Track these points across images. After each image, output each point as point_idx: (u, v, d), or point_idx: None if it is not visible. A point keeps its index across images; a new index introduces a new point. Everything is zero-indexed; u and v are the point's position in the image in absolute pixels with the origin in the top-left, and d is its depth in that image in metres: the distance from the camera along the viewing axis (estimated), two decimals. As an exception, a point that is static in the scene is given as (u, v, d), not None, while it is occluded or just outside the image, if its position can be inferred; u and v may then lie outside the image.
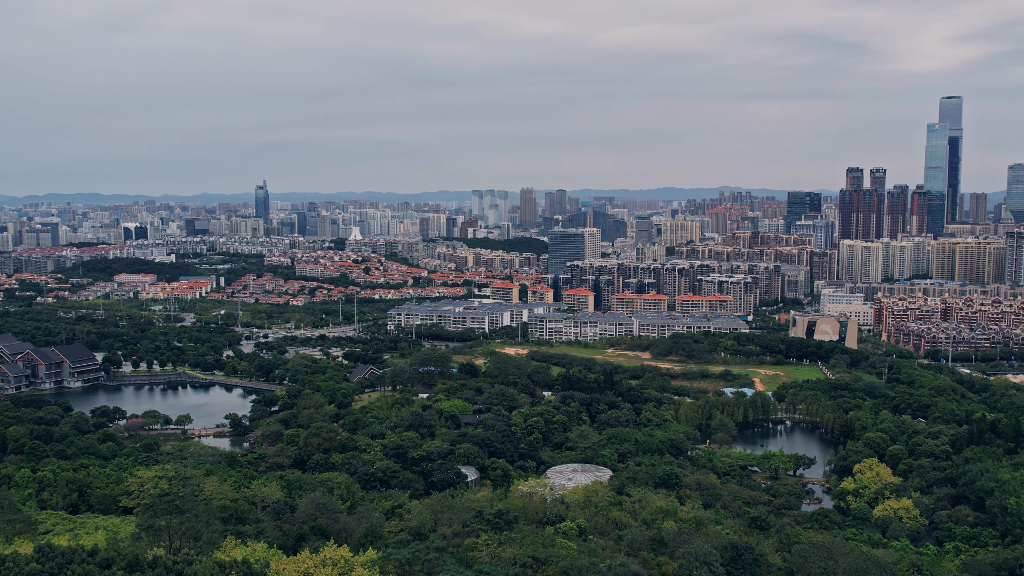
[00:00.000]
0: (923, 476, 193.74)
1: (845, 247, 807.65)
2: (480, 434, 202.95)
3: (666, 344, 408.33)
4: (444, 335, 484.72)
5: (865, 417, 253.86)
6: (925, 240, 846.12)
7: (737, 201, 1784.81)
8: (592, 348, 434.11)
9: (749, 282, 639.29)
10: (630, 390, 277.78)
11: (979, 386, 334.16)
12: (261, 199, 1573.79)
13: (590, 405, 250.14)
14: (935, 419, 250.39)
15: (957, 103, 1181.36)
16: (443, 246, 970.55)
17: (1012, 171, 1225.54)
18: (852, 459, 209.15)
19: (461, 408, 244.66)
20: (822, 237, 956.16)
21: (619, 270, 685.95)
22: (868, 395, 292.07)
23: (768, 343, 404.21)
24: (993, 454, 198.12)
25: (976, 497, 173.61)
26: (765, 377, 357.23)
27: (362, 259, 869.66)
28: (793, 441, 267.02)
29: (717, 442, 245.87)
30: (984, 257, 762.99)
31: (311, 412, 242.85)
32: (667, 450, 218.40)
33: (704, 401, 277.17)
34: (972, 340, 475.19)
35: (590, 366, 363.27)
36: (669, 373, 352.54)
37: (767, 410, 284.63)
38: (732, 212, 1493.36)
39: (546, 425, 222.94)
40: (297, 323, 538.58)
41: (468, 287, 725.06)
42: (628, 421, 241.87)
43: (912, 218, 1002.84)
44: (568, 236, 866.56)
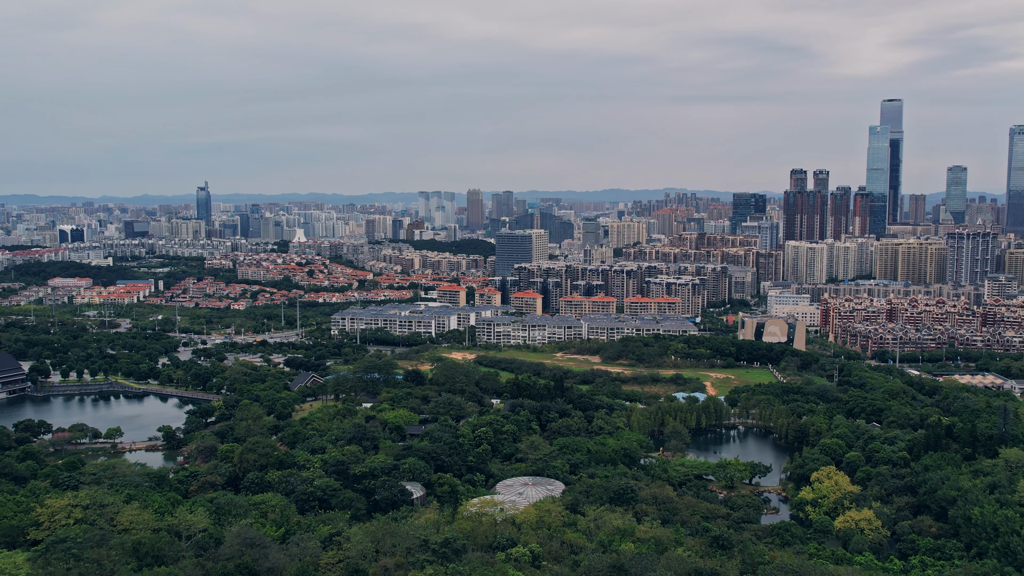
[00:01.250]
0: (882, 484, 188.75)
1: (790, 248, 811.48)
2: (426, 447, 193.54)
3: (616, 347, 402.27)
4: (390, 340, 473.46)
5: (819, 422, 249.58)
6: (868, 241, 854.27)
7: (683, 202, 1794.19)
8: (541, 352, 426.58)
9: (697, 283, 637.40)
10: (581, 397, 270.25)
11: (929, 388, 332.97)
12: (203, 201, 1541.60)
13: (540, 413, 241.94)
14: (889, 423, 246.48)
15: (898, 106, 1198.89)
16: (389, 248, 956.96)
17: (951, 173, 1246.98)
18: (809, 467, 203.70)
19: (406, 418, 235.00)
20: (767, 238, 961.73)
21: (567, 272, 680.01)
22: (821, 399, 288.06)
23: (718, 346, 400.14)
24: (952, 461, 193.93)
25: (938, 506, 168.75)
26: (716, 380, 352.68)
27: (306, 262, 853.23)
28: (747, 447, 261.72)
29: (671, 450, 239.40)
30: (926, 258, 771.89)
31: (248, 424, 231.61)
32: (620, 460, 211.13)
33: (656, 407, 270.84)
34: (918, 341, 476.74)
35: (539, 371, 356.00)
36: (620, 378, 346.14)
37: (720, 415, 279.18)
38: (678, 213, 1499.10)
39: (495, 435, 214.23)
40: (238, 328, 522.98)
41: (414, 290, 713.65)
42: (580, 429, 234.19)
43: (855, 219, 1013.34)
44: (515, 238, 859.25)
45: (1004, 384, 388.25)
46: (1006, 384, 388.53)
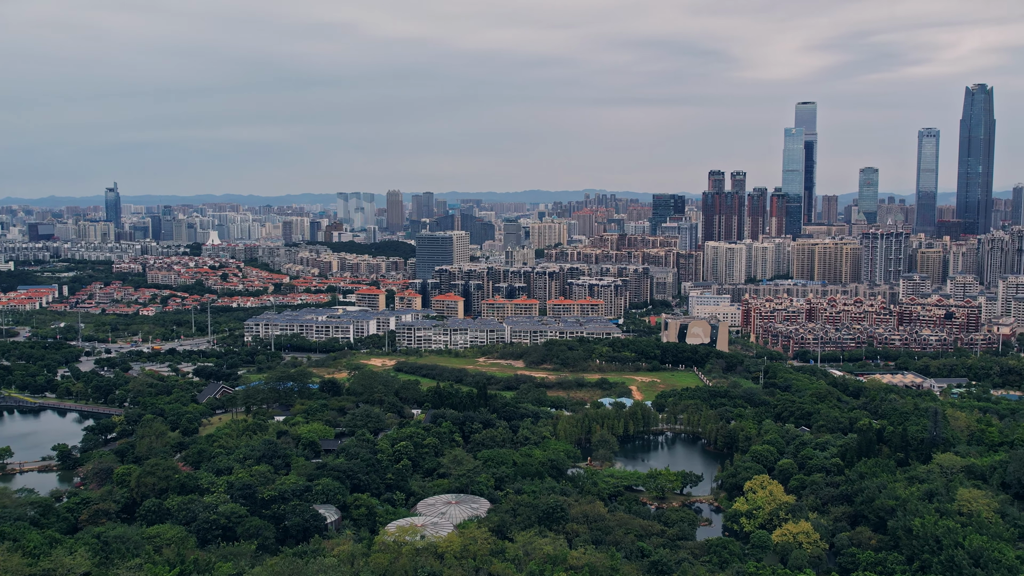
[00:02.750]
0: (817, 493, 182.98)
1: (710, 248, 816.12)
2: (342, 464, 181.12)
3: (540, 352, 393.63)
4: (306, 346, 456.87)
5: (748, 427, 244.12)
6: (785, 241, 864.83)
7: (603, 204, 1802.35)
8: (463, 357, 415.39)
9: (619, 285, 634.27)
10: (505, 405, 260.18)
11: (853, 389, 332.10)
12: (112, 202, 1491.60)
13: (463, 424, 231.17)
14: (819, 427, 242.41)
15: (812, 108, 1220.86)
16: (306, 250, 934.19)
17: (863, 174, 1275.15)
18: (741, 475, 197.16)
19: (321, 432, 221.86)
20: (687, 239, 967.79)
21: (489, 274, 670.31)
22: (748, 402, 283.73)
23: (643, 348, 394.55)
24: (886, 467, 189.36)
25: (876, 517, 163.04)
26: (642, 384, 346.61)
27: (220, 265, 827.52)
28: (675, 454, 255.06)
29: (599, 459, 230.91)
30: (841, 257, 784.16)
31: (151, 441, 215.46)
32: (547, 472, 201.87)
33: (583, 414, 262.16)
34: (838, 340, 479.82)
35: (461, 377, 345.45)
36: (544, 383, 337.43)
37: (648, 422, 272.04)
38: (598, 214, 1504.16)
39: (416, 450, 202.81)
40: (145, 336, 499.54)
41: (333, 294, 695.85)
42: (504, 440, 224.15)
43: (772, 219, 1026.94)
44: (436, 239, 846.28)
45: (923, 383, 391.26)
46: (925, 383, 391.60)
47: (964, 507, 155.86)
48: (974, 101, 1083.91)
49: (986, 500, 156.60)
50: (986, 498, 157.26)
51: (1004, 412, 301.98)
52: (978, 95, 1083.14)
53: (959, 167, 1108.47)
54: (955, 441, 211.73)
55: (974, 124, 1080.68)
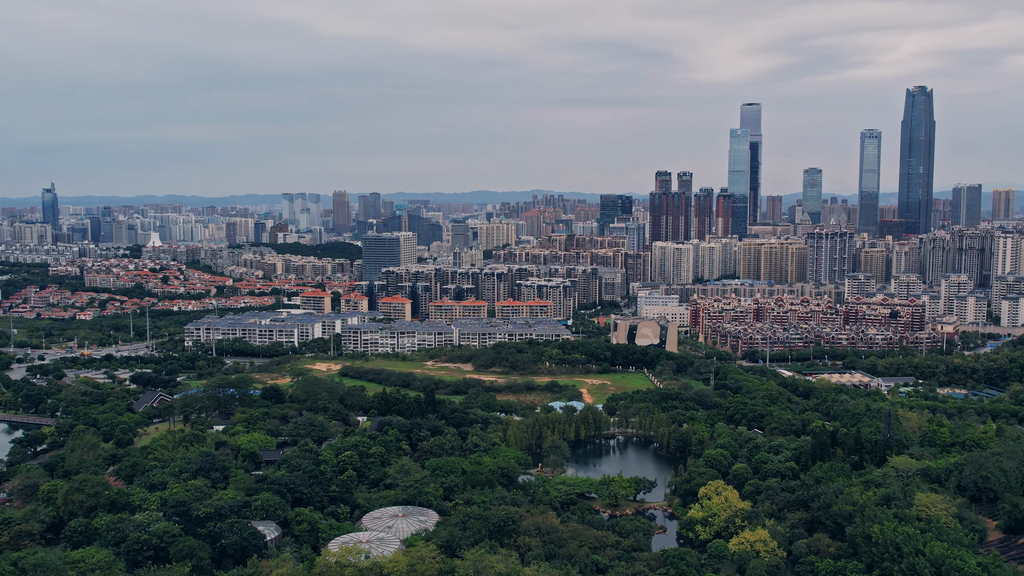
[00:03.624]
0: (773, 499, 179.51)
1: (657, 249, 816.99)
2: (283, 477, 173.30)
3: (489, 354, 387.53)
4: (249, 350, 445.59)
5: (701, 431, 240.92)
6: (731, 241, 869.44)
7: (550, 204, 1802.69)
8: (411, 361, 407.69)
9: (568, 285, 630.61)
10: (454, 411, 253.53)
11: (803, 389, 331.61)
12: (49, 203, 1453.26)
13: (411, 431, 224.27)
14: (772, 430, 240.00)
15: (756, 110, 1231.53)
16: (250, 252, 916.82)
17: (807, 175, 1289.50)
18: (696, 481, 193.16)
19: (262, 443, 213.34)
20: (635, 239, 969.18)
21: (437, 275, 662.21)
22: (700, 405, 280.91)
23: (593, 350, 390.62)
24: (841, 471, 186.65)
25: (834, 523, 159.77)
26: (592, 387, 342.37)
27: (160, 267, 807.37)
28: (627, 459, 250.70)
29: (550, 465, 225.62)
30: (787, 257, 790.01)
31: (82, 454, 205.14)
32: (498, 480, 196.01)
33: (534, 419, 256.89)
34: (787, 340, 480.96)
35: (409, 382, 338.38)
36: (494, 387, 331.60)
37: (599, 426, 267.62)
38: (546, 215, 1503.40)
39: (361, 460, 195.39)
40: (81, 341, 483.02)
41: (277, 296, 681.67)
42: (453, 448, 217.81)
43: (718, 220, 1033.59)
44: (383, 240, 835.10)
45: (871, 382, 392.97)
46: (873, 382, 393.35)
47: (923, 512, 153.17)
48: (915, 103, 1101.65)
49: (944, 505, 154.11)
50: (944, 503, 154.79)
51: (952, 411, 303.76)
52: (918, 97, 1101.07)
53: (900, 168, 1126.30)
54: (908, 443, 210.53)
55: (915, 126, 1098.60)
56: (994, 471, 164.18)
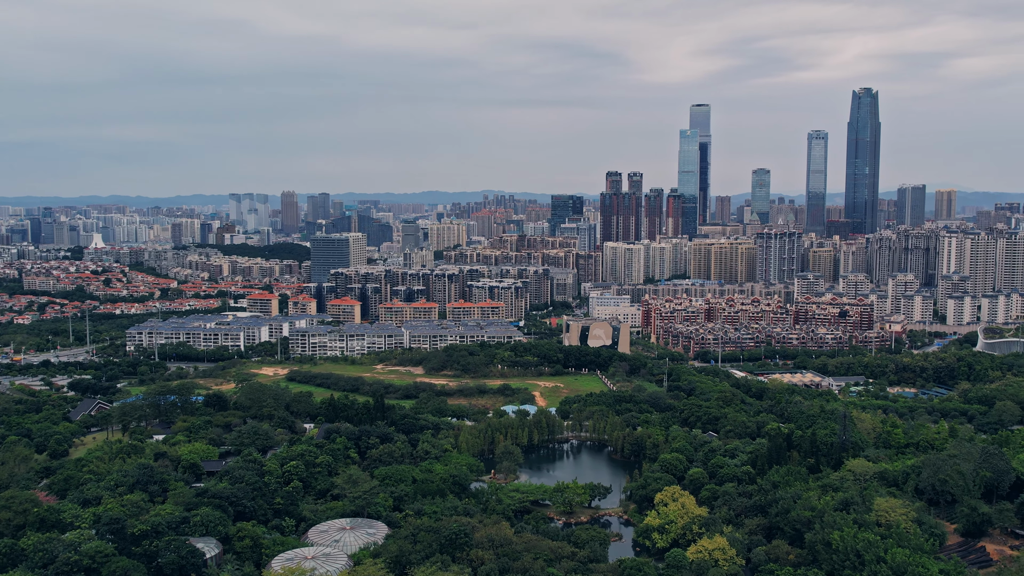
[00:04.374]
0: (730, 504, 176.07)
1: (609, 249, 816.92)
2: (225, 490, 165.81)
3: (440, 357, 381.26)
4: (193, 355, 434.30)
5: (655, 434, 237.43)
6: (682, 241, 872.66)
7: (501, 204, 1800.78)
8: (360, 364, 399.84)
9: (519, 286, 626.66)
10: (404, 417, 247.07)
11: (756, 390, 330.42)
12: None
13: (359, 439, 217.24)
14: (727, 433, 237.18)
15: (706, 111, 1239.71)
16: (195, 254, 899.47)
17: (755, 175, 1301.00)
18: (651, 486, 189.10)
19: (204, 453, 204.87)
20: (586, 240, 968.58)
21: (387, 277, 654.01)
22: (654, 407, 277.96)
23: (545, 352, 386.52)
24: (798, 475, 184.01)
25: (792, 529, 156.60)
26: (545, 390, 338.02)
27: (103, 269, 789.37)
28: (581, 464, 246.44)
29: (503, 472, 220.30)
30: (737, 257, 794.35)
31: (12, 467, 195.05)
32: (449, 489, 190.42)
33: (486, 424, 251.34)
34: (738, 340, 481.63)
35: (358, 386, 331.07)
36: (445, 391, 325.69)
37: (552, 430, 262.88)
38: (497, 215, 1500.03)
39: (307, 470, 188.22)
40: (18, 346, 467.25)
41: (223, 299, 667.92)
42: (404, 455, 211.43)
43: (668, 220, 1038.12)
44: (332, 241, 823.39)
45: (822, 382, 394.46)
46: (824, 382, 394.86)
47: (882, 517, 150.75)
48: (860, 104, 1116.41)
49: (904, 510, 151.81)
50: (904, 507, 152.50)
51: (903, 410, 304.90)
52: (864, 99, 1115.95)
53: (847, 168, 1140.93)
54: (863, 444, 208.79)
55: (860, 127, 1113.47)
56: (952, 474, 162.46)
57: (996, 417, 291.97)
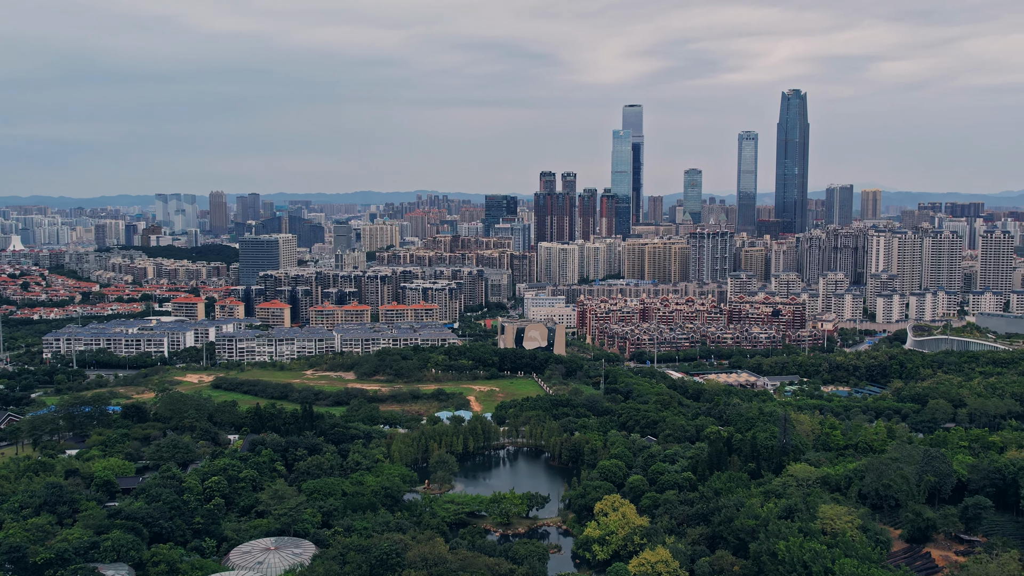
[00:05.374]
0: (672, 513, 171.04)
1: (543, 249, 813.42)
2: (140, 510, 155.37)
3: (372, 362, 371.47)
4: (114, 362, 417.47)
5: (594, 439, 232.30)
6: (615, 241, 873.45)
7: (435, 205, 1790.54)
8: (289, 370, 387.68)
9: (454, 288, 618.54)
10: (334, 426, 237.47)
11: (693, 391, 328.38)
12: None
13: (286, 451, 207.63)
14: (666, 437, 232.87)
15: (638, 111, 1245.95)
16: (119, 256, 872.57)
17: (687, 176, 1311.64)
18: (591, 495, 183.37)
19: (119, 469, 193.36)
20: (520, 240, 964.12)
21: (318, 279, 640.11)
22: (591, 411, 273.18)
23: (480, 355, 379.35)
24: (740, 481, 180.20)
25: (736, 539, 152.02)
26: (480, 394, 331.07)
27: (21, 272, 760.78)
28: (518, 472, 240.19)
29: (437, 482, 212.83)
30: (670, 257, 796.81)
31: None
32: (381, 501, 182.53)
33: (419, 432, 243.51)
34: (673, 340, 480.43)
35: (287, 393, 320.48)
36: (377, 396, 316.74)
37: (488, 436, 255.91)
38: (431, 216, 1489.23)
39: (230, 485, 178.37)
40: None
41: (147, 303, 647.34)
42: (333, 467, 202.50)
43: (602, 220, 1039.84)
44: (261, 243, 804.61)
45: (758, 381, 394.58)
46: (759, 381, 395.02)
47: (828, 525, 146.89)
48: (790, 106, 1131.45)
49: (849, 517, 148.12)
50: (849, 515, 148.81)
51: (838, 410, 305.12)
52: (793, 100, 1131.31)
53: (777, 169, 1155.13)
54: (803, 447, 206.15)
55: (790, 128, 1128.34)
56: (896, 479, 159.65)
57: (929, 416, 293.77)
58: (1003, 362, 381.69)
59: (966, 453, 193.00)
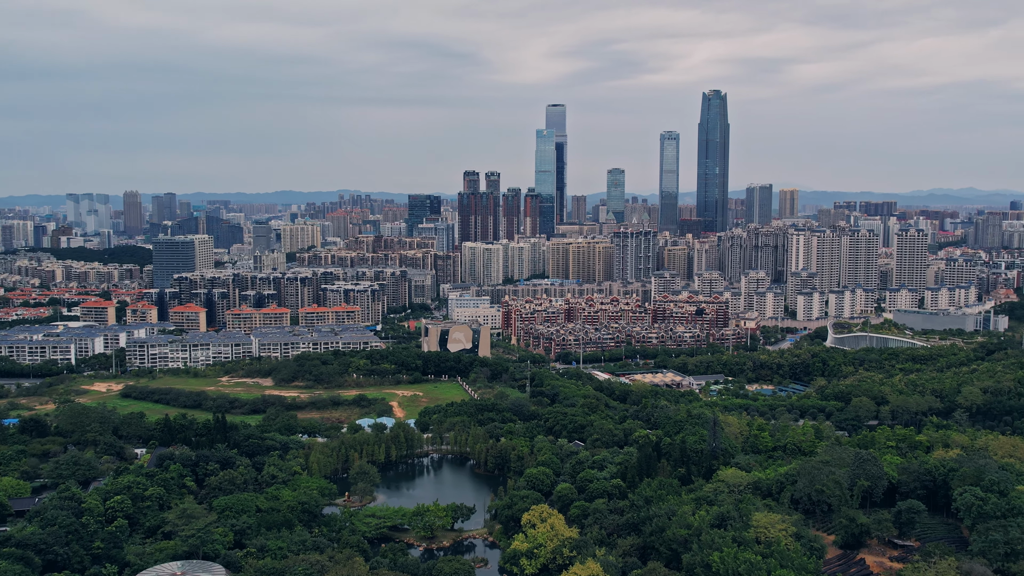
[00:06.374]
0: (602, 523, 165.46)
1: (467, 249, 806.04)
2: (32, 536, 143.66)
3: (291, 368, 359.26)
4: (17, 371, 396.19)
5: (520, 446, 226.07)
6: (540, 241, 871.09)
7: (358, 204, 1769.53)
8: (204, 377, 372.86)
9: (376, 289, 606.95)
10: (249, 437, 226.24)
11: (619, 393, 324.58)
12: None
13: (196, 465, 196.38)
14: (594, 442, 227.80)
15: (561, 111, 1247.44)
16: (25, 259, 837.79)
17: (610, 175, 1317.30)
18: (518, 505, 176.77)
19: (14, 489, 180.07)
20: (444, 240, 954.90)
21: (235, 281, 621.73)
22: (517, 415, 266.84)
23: (403, 359, 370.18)
24: (670, 487, 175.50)
25: (669, 549, 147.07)
26: (403, 399, 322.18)
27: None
28: (443, 481, 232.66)
29: (358, 494, 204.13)
30: (594, 256, 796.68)
31: None
32: (298, 517, 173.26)
33: (339, 442, 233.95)
34: (599, 340, 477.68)
35: (200, 401, 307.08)
36: (296, 404, 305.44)
37: (411, 444, 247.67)
38: (353, 215, 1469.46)
39: (135, 505, 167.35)
40: None
41: (55, 307, 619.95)
42: (247, 482, 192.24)
43: (526, 219, 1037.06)
44: (176, 244, 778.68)
45: (683, 381, 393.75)
46: (684, 381, 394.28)
47: (762, 534, 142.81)
48: (710, 106, 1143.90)
49: (783, 525, 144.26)
50: (783, 522, 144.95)
51: (763, 409, 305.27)
52: (714, 100, 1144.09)
53: (698, 168, 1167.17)
54: (732, 451, 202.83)
55: (711, 128, 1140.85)
56: (829, 484, 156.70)
57: (853, 413, 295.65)
58: (922, 359, 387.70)
59: (894, 453, 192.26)
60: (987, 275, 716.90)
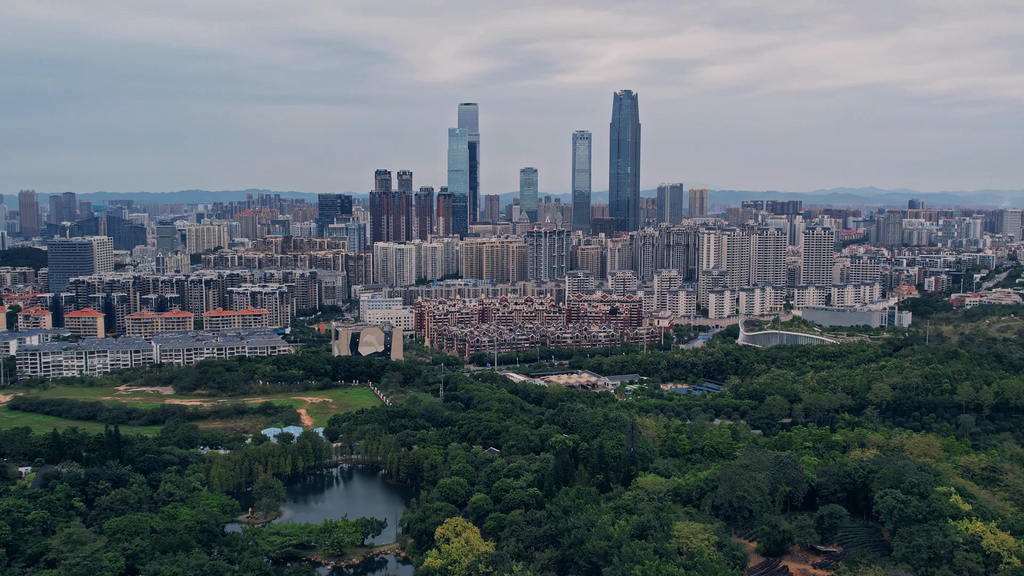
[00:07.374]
0: (519, 536, 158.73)
1: (379, 249, 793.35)
2: None
3: (193, 375, 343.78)
4: None
5: (433, 454, 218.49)
6: (453, 241, 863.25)
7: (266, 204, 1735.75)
8: (101, 387, 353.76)
9: (285, 291, 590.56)
10: (145, 452, 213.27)
11: (535, 395, 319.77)
12: None
13: (86, 484, 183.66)
14: (510, 448, 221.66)
15: (473, 110, 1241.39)
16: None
17: (523, 174, 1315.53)
18: (431, 518, 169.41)
19: None
20: (355, 240, 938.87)
21: (136, 284, 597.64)
22: (431, 421, 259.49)
23: (312, 364, 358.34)
24: (589, 496, 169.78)
25: (588, 563, 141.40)
26: (312, 406, 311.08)
27: None
28: (353, 492, 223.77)
29: (263, 510, 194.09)
30: (508, 256, 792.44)
31: None
32: (196, 538, 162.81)
33: (243, 454, 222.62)
34: (513, 341, 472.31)
35: (95, 413, 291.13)
36: (198, 413, 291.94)
37: (320, 454, 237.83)
38: (262, 215, 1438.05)
39: (14, 530, 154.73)
40: None
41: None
42: (142, 501, 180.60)
43: (439, 219, 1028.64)
44: (73, 246, 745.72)
45: (598, 381, 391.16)
46: (600, 381, 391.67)
47: (684, 544, 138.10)
48: (622, 106, 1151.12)
49: (705, 534, 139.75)
50: (705, 532, 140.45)
51: (679, 409, 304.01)
52: (625, 100, 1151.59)
53: (610, 168, 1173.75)
54: (651, 455, 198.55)
55: (622, 128, 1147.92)
56: (750, 490, 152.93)
57: (767, 412, 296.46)
58: (832, 356, 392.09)
59: (811, 454, 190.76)
60: (890, 272, 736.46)
